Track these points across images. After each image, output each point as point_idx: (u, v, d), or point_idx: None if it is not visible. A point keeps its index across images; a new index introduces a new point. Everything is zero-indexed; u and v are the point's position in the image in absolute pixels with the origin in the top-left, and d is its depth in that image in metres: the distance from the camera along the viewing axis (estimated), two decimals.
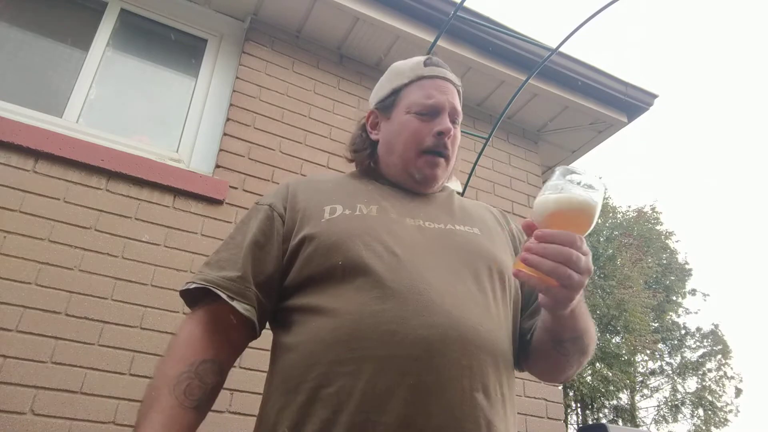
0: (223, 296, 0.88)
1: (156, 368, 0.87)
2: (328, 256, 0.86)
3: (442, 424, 0.74)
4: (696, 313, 23.00)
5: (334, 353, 0.78)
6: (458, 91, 1.09)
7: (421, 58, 1.11)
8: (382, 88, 1.12)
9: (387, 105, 1.08)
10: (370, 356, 0.77)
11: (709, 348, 17.15)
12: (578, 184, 0.73)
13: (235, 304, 0.88)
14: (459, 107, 1.07)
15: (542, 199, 0.75)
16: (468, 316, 0.81)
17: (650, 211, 18.70)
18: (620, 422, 15.40)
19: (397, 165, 1.04)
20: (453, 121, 1.04)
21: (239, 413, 2.01)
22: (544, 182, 3.70)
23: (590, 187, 0.73)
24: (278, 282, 0.92)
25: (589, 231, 0.74)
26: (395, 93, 1.08)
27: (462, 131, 1.14)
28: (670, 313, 17.62)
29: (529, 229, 0.76)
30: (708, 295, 18.41)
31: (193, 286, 0.90)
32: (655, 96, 3.36)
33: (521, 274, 0.73)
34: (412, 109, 1.03)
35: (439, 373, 0.76)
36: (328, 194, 0.99)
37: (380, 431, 0.73)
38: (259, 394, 1.02)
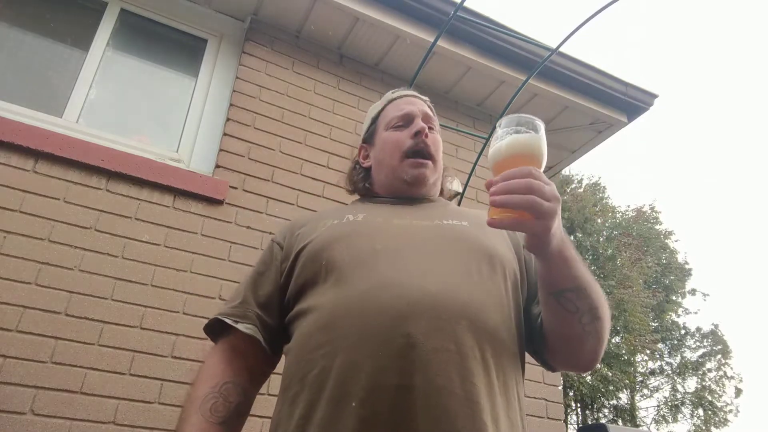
0: (229, 322, 0.98)
1: (186, 394, 0.95)
2: (315, 260, 0.93)
3: (414, 384, 0.75)
4: (696, 313, 23.01)
5: (315, 341, 0.83)
6: (429, 106, 1.20)
7: (389, 92, 1.25)
8: (366, 122, 1.25)
9: (370, 134, 1.21)
10: (343, 334, 0.80)
11: (709, 348, 17.16)
12: (521, 126, 0.79)
13: (239, 326, 0.97)
14: (431, 115, 1.17)
15: (493, 149, 0.81)
16: (446, 287, 0.83)
17: (649, 211, 18.71)
18: (620, 422, 15.41)
19: (387, 176, 1.12)
20: (428, 126, 1.12)
21: None
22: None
23: (534, 127, 0.79)
24: (278, 297, 1.00)
25: (542, 166, 0.78)
26: (373, 122, 1.21)
27: (462, 131, 1.16)
28: (670, 313, 17.62)
29: (488, 186, 0.79)
30: (708, 295, 18.43)
31: (211, 320, 1.02)
32: (655, 96, 3.36)
33: (494, 222, 0.74)
34: (389, 125, 1.14)
35: (410, 336, 0.77)
36: (325, 216, 1.07)
37: (355, 400, 0.75)
38: (259, 394, 1.02)
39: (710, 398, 16.21)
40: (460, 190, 2.77)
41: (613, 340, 15.15)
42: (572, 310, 0.85)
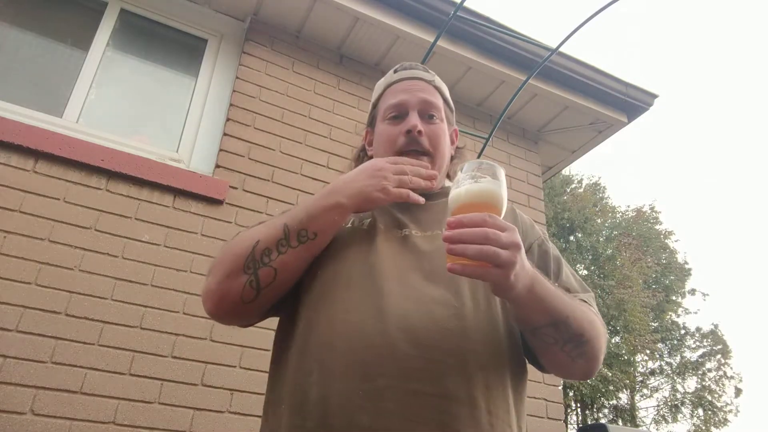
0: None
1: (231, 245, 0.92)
2: (314, 264, 0.92)
3: (389, 428, 0.73)
4: (696, 313, 23.02)
5: (307, 366, 0.82)
6: (434, 86, 1.10)
7: (394, 68, 1.15)
8: (370, 106, 1.19)
9: (371, 120, 1.15)
10: (329, 366, 0.79)
11: (709, 348, 17.15)
12: (479, 174, 0.79)
13: None
14: (433, 99, 1.07)
15: (452, 194, 0.80)
16: (427, 317, 0.81)
17: (649, 211, 18.71)
18: (620, 422, 15.41)
19: None
20: (427, 115, 1.06)
21: (239, 413, 2.01)
22: (544, 182, 3.66)
23: (494, 175, 0.79)
24: None
25: (501, 213, 0.78)
26: (374, 107, 1.15)
27: (462, 131, 1.13)
28: (670, 313, 17.62)
29: (449, 227, 0.77)
30: (708, 294, 18.43)
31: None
32: (655, 96, 3.36)
33: (455, 268, 0.73)
34: (385, 116, 1.08)
35: (387, 376, 0.76)
36: None
37: None
38: (259, 393, 1.02)
39: (710, 398, 16.21)
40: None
41: (613, 340, 15.15)
42: (552, 342, 0.85)
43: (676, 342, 17.49)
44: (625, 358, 15.24)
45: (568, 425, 15.00)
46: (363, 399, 0.75)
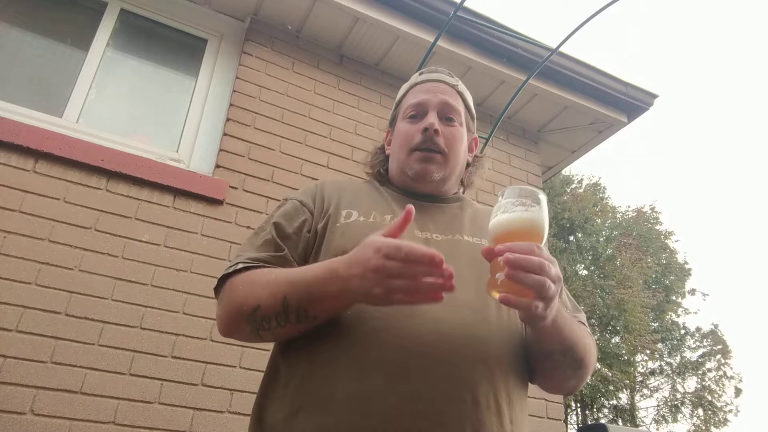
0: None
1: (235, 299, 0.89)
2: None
3: (424, 428, 0.74)
4: (695, 313, 23.01)
5: (336, 362, 0.81)
6: (457, 91, 1.11)
7: (420, 71, 1.18)
8: (392, 107, 1.20)
9: (392, 120, 1.16)
10: (357, 361, 0.79)
11: (709, 348, 17.15)
12: (524, 200, 0.78)
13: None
14: (453, 103, 1.08)
15: (496, 221, 0.78)
16: (460, 323, 0.81)
17: (650, 211, 18.70)
18: (620, 422, 15.40)
19: (397, 169, 1.08)
20: (446, 117, 1.06)
21: (239, 413, 2.01)
22: (544, 182, 3.66)
23: (536, 202, 0.78)
24: (306, 243, 0.97)
25: (543, 242, 0.77)
26: (397, 106, 1.16)
27: None
28: (670, 313, 17.61)
29: (487, 254, 0.76)
30: (708, 294, 18.44)
31: (241, 266, 0.91)
32: (655, 96, 3.36)
33: (511, 299, 0.71)
34: (405, 115, 1.09)
35: (422, 377, 0.76)
36: (348, 197, 1.02)
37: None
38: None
39: (710, 398, 16.20)
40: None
41: (613, 340, 15.16)
42: (556, 366, 0.89)
43: (676, 342, 17.48)
44: (625, 358, 15.24)
45: (568, 425, 15.00)
46: (399, 399, 0.75)
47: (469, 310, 0.84)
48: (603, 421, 15.55)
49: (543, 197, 0.79)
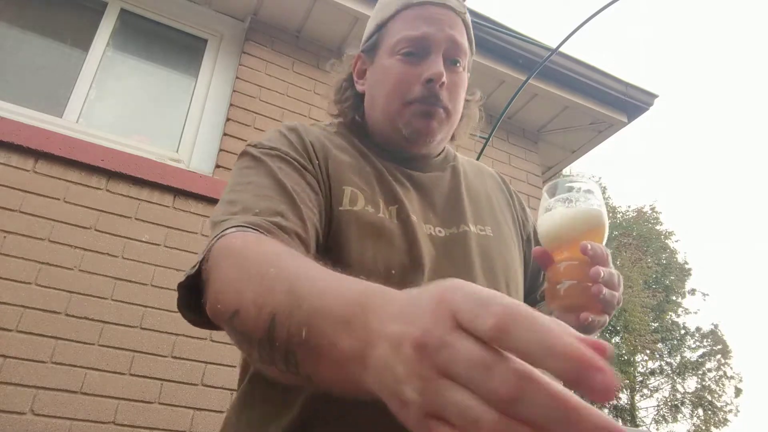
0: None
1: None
2: (337, 255, 0.69)
3: None
4: (695, 313, 23.02)
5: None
6: (463, 21, 0.85)
7: None
8: (369, 25, 0.91)
9: (371, 46, 0.88)
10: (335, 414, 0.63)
11: (709, 348, 17.16)
12: (577, 192, 0.67)
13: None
14: (461, 40, 0.82)
15: (553, 219, 0.66)
16: None
17: (650, 211, 18.72)
18: (620, 422, 15.41)
19: (382, 122, 0.84)
20: (452, 60, 0.82)
21: None
22: (544, 182, 3.66)
23: (589, 191, 0.67)
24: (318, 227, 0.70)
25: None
26: (379, 29, 0.86)
27: None
28: (670, 313, 17.63)
29: (543, 258, 0.66)
30: (708, 294, 18.44)
31: (233, 228, 0.62)
32: (655, 96, 3.37)
33: (596, 324, 0.62)
34: (395, 49, 0.82)
35: None
36: (338, 161, 0.78)
37: None
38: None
39: (710, 398, 16.21)
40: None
41: (613, 340, 15.16)
42: None
43: (676, 342, 17.49)
44: (625, 358, 15.25)
45: None
46: None
47: None
48: None
49: (596, 186, 0.68)
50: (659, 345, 16.54)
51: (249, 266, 0.51)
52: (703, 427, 15.96)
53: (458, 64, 0.83)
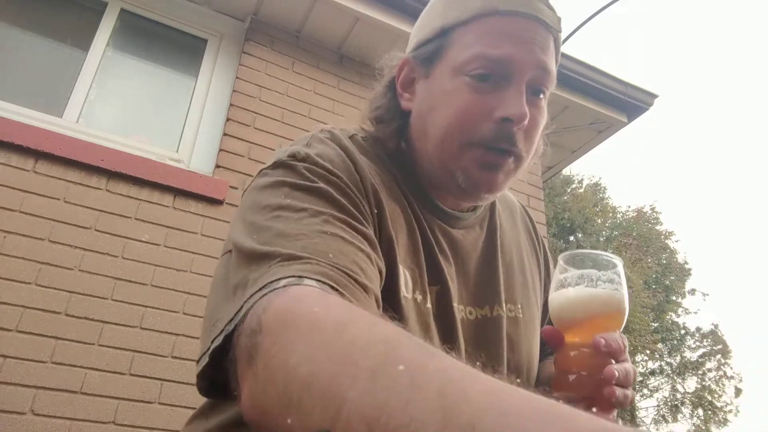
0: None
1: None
2: None
3: None
4: (695, 313, 22.99)
5: None
6: (555, 40, 0.67)
7: None
8: (427, 23, 0.70)
9: (429, 54, 0.68)
10: None
11: (709, 348, 17.15)
12: (599, 269, 0.59)
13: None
14: (552, 66, 0.65)
15: (566, 299, 0.58)
16: None
17: (650, 211, 18.71)
18: (620, 422, 15.36)
19: (431, 161, 0.67)
20: (537, 90, 0.65)
21: None
22: (544, 182, 3.63)
23: (614, 270, 0.58)
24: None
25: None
26: (444, 34, 0.66)
27: None
28: (670, 313, 17.62)
29: (553, 340, 0.58)
30: (708, 294, 18.42)
31: (314, 282, 0.43)
32: (655, 96, 3.37)
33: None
34: (466, 69, 0.63)
35: None
36: (395, 228, 0.61)
37: None
38: None
39: (710, 398, 16.20)
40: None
41: None
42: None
43: (676, 342, 17.48)
44: None
45: None
46: None
47: None
48: None
49: (619, 263, 0.59)
50: (659, 345, 16.53)
51: (351, 351, 0.31)
52: (703, 427, 15.96)
53: (541, 95, 0.66)
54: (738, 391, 16.43)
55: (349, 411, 0.27)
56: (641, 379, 16.68)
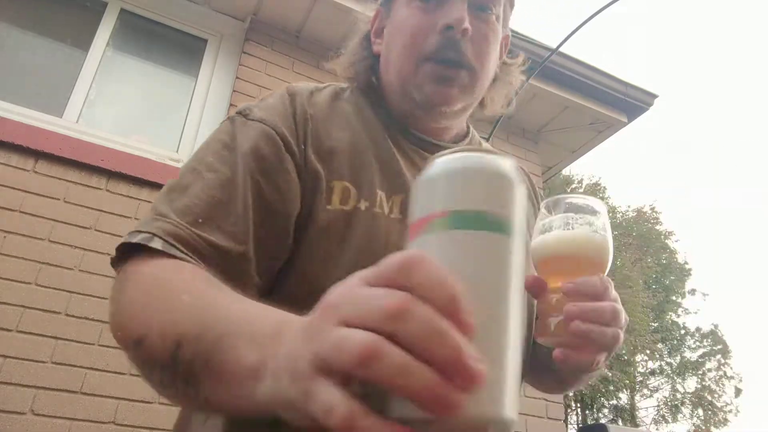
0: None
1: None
2: (319, 280, 0.59)
3: None
4: (695, 313, 23.02)
5: None
6: None
7: None
8: None
9: None
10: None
11: (709, 348, 17.17)
12: (579, 213, 0.58)
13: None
14: None
15: (543, 242, 0.58)
16: None
17: (650, 211, 18.72)
18: (620, 422, 15.40)
19: (395, 86, 0.73)
20: (480, 6, 0.69)
21: None
22: (544, 182, 3.65)
23: (593, 213, 0.58)
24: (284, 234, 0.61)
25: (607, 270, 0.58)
26: None
27: None
28: (670, 313, 17.63)
29: (536, 288, 0.56)
30: (708, 294, 18.44)
31: (158, 244, 0.54)
32: (655, 96, 3.37)
33: (571, 358, 0.54)
34: None
35: None
36: (338, 144, 0.66)
37: None
38: None
39: (710, 398, 16.22)
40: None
41: None
42: (575, 383, 0.73)
43: (676, 342, 17.49)
44: (625, 358, 15.25)
45: (568, 425, 15.00)
46: None
47: None
48: (603, 421, 15.56)
49: (602, 208, 0.59)
50: (659, 345, 16.54)
51: (162, 290, 0.49)
52: (703, 427, 15.96)
53: (488, 11, 0.69)
54: (738, 391, 16.44)
55: (152, 328, 0.45)
56: (641, 379, 16.69)
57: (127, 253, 0.54)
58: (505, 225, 0.31)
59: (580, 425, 15.85)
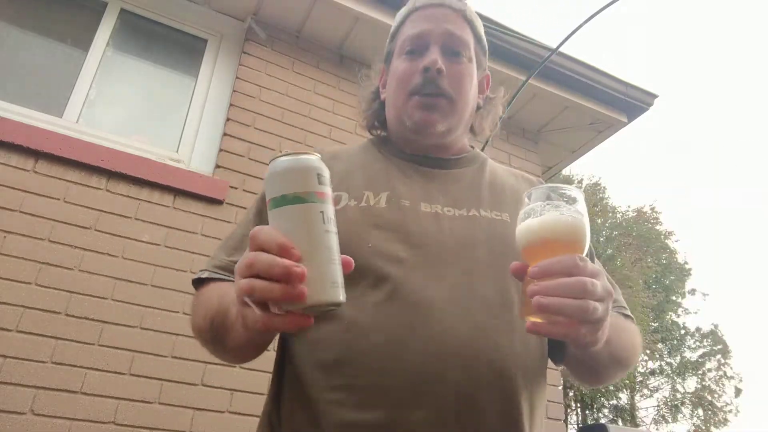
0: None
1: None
2: None
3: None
4: (695, 313, 23.01)
5: (325, 377, 0.71)
6: (465, 18, 0.92)
7: None
8: (389, 39, 0.99)
9: (388, 55, 0.97)
10: (357, 385, 0.68)
11: (709, 348, 17.16)
12: (557, 201, 0.63)
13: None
14: (460, 33, 0.89)
15: (523, 227, 0.64)
16: (474, 331, 0.69)
17: (650, 211, 18.71)
18: (620, 422, 15.40)
19: (394, 119, 0.92)
20: (451, 52, 0.88)
21: (239, 413, 2.01)
22: (545, 182, 3.69)
23: (570, 200, 0.63)
24: None
25: (586, 250, 0.63)
26: (392, 38, 0.96)
27: None
28: (670, 313, 17.63)
29: (520, 272, 0.63)
30: (707, 294, 18.43)
31: (206, 274, 0.83)
32: (655, 96, 3.36)
33: (541, 328, 0.59)
34: (401, 50, 0.91)
35: (431, 407, 0.66)
36: (340, 172, 0.84)
37: None
38: (259, 394, 1.02)
39: (710, 398, 16.21)
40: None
41: None
42: (603, 372, 0.81)
43: (676, 342, 17.49)
44: None
45: (568, 425, 15.00)
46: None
47: (485, 311, 0.71)
48: (603, 421, 15.56)
49: (579, 195, 0.64)
50: (659, 345, 16.54)
51: (205, 303, 0.79)
52: (703, 427, 15.96)
53: (459, 56, 0.89)
54: (738, 391, 16.44)
55: (203, 321, 0.78)
56: (641, 379, 16.69)
57: (196, 282, 0.85)
58: (300, 198, 0.52)
59: (580, 425, 15.85)
